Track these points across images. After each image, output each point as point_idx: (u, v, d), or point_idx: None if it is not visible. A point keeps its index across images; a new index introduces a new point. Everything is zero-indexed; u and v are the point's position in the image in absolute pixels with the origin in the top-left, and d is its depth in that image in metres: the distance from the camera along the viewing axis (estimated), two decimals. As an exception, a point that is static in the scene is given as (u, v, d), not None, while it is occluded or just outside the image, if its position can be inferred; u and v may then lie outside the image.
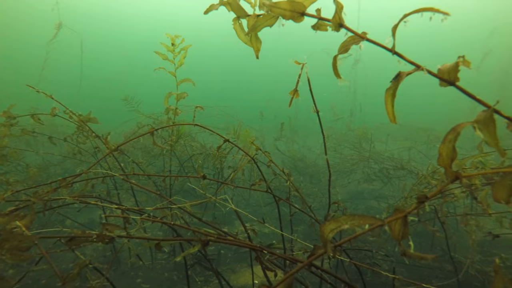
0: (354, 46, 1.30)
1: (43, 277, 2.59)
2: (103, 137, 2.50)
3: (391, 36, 1.12)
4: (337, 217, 1.01)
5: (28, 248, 1.36)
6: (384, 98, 1.17)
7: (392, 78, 1.15)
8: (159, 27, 39.18)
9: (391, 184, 5.40)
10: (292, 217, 2.06)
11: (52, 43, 8.95)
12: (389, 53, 1.17)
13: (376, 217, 1.01)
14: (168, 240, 1.27)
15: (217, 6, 1.02)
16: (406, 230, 1.06)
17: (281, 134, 6.47)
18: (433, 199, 2.44)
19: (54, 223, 3.58)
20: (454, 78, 1.06)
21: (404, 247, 1.01)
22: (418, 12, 1.00)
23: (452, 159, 1.01)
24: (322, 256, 1.25)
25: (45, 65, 9.26)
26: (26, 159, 4.60)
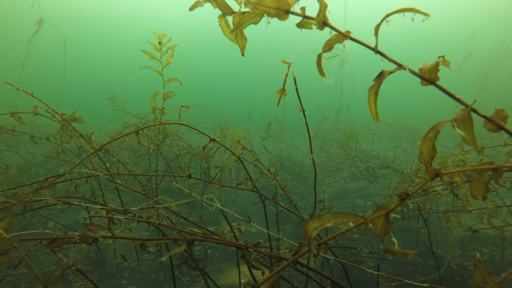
0: (341, 47, 1.31)
1: (23, 282, 2.52)
2: (87, 136, 2.46)
3: (374, 36, 1.14)
4: (321, 215, 1.02)
5: (6, 251, 1.31)
6: (368, 97, 1.20)
7: (375, 77, 1.18)
8: (146, 25, 38.66)
9: (377, 182, 5.49)
10: (278, 216, 2.07)
11: (33, 39, 8.71)
12: (375, 54, 1.19)
13: (359, 215, 1.03)
14: (153, 240, 1.25)
15: (202, 3, 1.01)
16: (388, 227, 1.08)
17: (269, 133, 6.49)
18: (416, 196, 2.49)
19: (36, 225, 3.49)
20: (434, 78, 1.09)
21: (387, 244, 1.03)
22: (400, 12, 1.02)
23: (432, 157, 1.03)
24: (308, 255, 1.26)
25: (26, 62, 9.00)
26: (6, 159, 4.48)
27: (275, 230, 3.37)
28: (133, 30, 40.66)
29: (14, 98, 6.16)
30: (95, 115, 6.86)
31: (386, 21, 1.07)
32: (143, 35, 11.02)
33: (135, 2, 39.68)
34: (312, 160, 1.92)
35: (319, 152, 6.57)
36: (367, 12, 33.66)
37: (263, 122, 7.23)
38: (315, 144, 6.81)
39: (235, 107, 12.16)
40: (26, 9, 13.57)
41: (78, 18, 35.93)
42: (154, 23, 40.08)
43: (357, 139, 5.99)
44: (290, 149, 8.25)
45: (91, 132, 2.33)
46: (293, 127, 9.72)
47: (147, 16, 41.15)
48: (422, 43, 38.44)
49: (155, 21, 40.84)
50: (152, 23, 39.97)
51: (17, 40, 9.36)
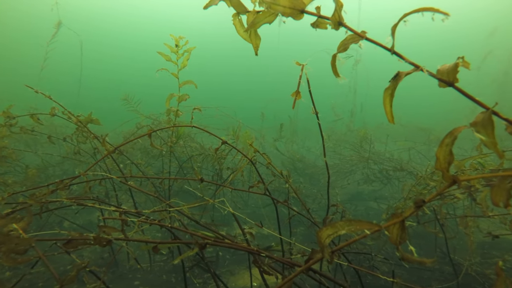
0: (355, 47, 1.29)
1: (40, 280, 2.57)
2: (101, 137, 2.49)
3: (390, 36, 1.11)
4: (334, 222, 1.00)
5: (25, 251, 1.34)
6: (383, 98, 1.17)
7: (391, 78, 1.14)
8: (160, 27, 39.20)
9: (390, 185, 5.39)
10: (291, 219, 2.04)
11: (51, 43, 8.93)
12: (390, 54, 1.16)
13: (373, 223, 1.00)
14: (165, 243, 1.25)
15: (216, 1, 1.01)
16: (404, 235, 1.05)
17: (281, 134, 6.46)
18: (432, 200, 2.43)
19: (52, 225, 3.56)
20: (453, 79, 1.05)
21: (403, 252, 1.00)
22: (418, 12, 0.99)
23: (449, 163, 1.00)
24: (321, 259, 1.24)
25: (44, 65, 9.24)
26: (25, 159, 4.59)
27: (287, 233, 3.34)
28: (148, 32, 41.29)
29: (33, 100, 6.32)
30: (109, 117, 6.98)
31: (404, 21, 1.04)
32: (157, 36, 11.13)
33: (147, 5, 40.27)
34: (326, 164, 1.89)
35: (332, 153, 6.49)
36: (381, 11, 33.21)
37: (275, 123, 7.21)
38: (328, 146, 6.74)
39: (247, 108, 12.18)
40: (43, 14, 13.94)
41: (94, 21, 36.71)
42: (169, 25, 40.56)
43: (370, 141, 5.90)
44: (302, 150, 8.20)
45: (105, 134, 2.36)
46: (305, 128, 9.66)
47: (162, 19, 41.69)
48: (438, 42, 37.62)
49: (170, 23, 41.33)
50: (167, 26, 40.47)
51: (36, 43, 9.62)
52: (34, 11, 31.85)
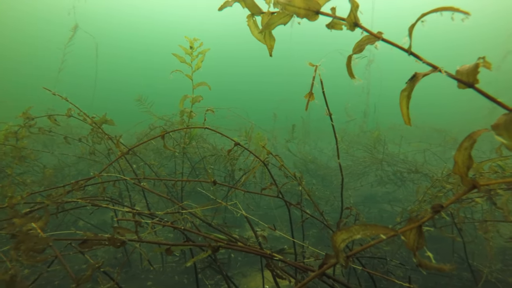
0: (367, 47, 1.26)
1: (56, 278, 2.62)
2: (115, 138, 2.53)
3: (407, 36, 1.08)
4: (349, 226, 0.98)
5: (43, 250, 1.37)
6: (399, 100, 1.14)
7: (408, 79, 1.12)
8: (172, 29, 39.65)
9: (405, 187, 5.29)
10: (303, 222, 2.02)
11: (68, 46, 9.14)
12: (404, 54, 1.13)
13: (389, 227, 0.98)
14: (179, 245, 1.25)
15: (231, 3, 1.00)
16: (421, 241, 1.02)
17: (293, 135, 6.42)
18: (450, 204, 2.36)
19: (68, 224, 3.63)
20: (473, 80, 1.02)
21: (420, 258, 0.97)
22: (437, 12, 0.96)
23: (468, 167, 0.97)
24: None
25: (62, 68, 9.47)
26: (43, 159, 4.70)
27: (299, 235, 3.31)
28: (159, 34, 41.83)
29: (51, 101, 6.47)
30: (122, 118, 7.09)
31: (421, 21, 1.01)
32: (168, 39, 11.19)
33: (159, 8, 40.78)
34: (339, 166, 1.86)
35: (345, 155, 6.42)
36: (395, 10, 32.72)
37: (287, 124, 7.17)
38: (341, 147, 6.67)
39: (259, 108, 12.17)
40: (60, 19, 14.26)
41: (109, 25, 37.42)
42: (181, 27, 40.98)
43: (384, 142, 5.81)
44: (314, 151, 8.14)
45: (119, 135, 2.39)
46: (317, 128, 9.58)
47: (174, 21, 42.15)
48: (456, 41, 36.79)
49: (182, 25, 41.74)
50: (177, 27, 40.89)
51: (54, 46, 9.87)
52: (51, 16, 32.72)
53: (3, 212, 1.69)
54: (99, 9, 36.01)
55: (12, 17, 35.52)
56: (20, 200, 1.79)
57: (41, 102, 6.39)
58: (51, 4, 31.67)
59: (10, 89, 27.32)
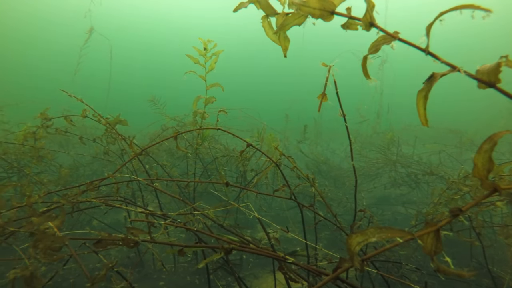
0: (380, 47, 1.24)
1: (71, 276, 2.67)
2: (128, 139, 2.56)
3: (425, 36, 1.05)
4: (364, 229, 0.97)
5: (59, 248, 1.39)
6: (416, 101, 1.12)
7: (425, 79, 1.09)
8: (184, 30, 40.01)
9: (419, 189, 5.18)
10: (316, 224, 2.00)
11: (84, 48, 9.32)
12: (418, 53, 1.11)
13: (405, 231, 0.96)
14: (191, 247, 1.25)
15: (246, 4, 1.00)
16: (439, 245, 0.99)
17: (305, 136, 6.38)
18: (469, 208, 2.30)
19: (82, 223, 3.69)
20: (495, 80, 0.98)
21: (438, 263, 0.95)
22: (456, 10, 0.93)
23: (489, 170, 0.94)
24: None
25: (77, 69, 9.67)
26: (59, 159, 4.80)
27: (311, 237, 3.28)
28: (170, 36, 42.30)
29: (66, 103, 6.62)
30: (135, 119, 7.20)
31: (440, 20, 0.98)
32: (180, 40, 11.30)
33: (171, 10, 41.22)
34: (353, 168, 1.83)
35: (357, 156, 6.34)
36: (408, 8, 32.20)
37: (299, 124, 7.13)
38: (353, 148, 6.58)
39: (271, 109, 12.15)
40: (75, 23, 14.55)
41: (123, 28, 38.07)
42: (192, 28, 41.31)
43: (398, 143, 5.72)
44: (326, 152, 8.07)
45: (133, 136, 2.42)
46: (329, 129, 9.49)
47: (184, 21, 42.55)
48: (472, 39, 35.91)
49: (193, 26, 42.07)
50: (189, 28, 41.23)
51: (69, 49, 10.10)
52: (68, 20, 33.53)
53: (22, 211, 1.72)
54: (113, 12, 36.68)
55: (31, 23, 36.62)
56: (37, 199, 1.83)
57: (57, 104, 6.54)
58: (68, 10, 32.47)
59: (28, 91, 28.08)
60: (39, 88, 27.09)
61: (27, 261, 1.33)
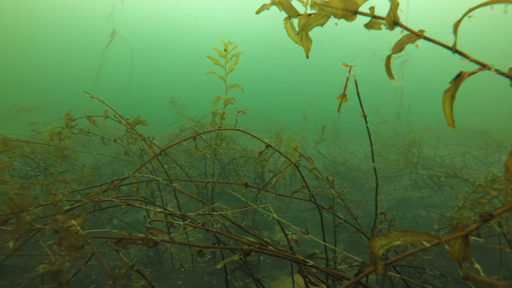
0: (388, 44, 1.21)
1: (93, 273, 2.74)
2: (148, 139, 2.60)
3: (452, 33, 1.01)
4: (388, 232, 0.94)
5: (82, 246, 1.43)
6: (442, 100, 1.08)
7: (452, 78, 1.05)
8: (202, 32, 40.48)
9: (442, 192, 5.02)
10: (336, 227, 1.96)
11: (106, 50, 9.58)
12: (441, 52, 1.07)
13: (431, 234, 0.92)
14: (210, 247, 1.26)
15: (269, 6, 1.00)
16: (468, 251, 0.95)
17: (323, 137, 6.31)
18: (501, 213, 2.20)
19: (103, 221, 3.78)
20: (530, 78, 0.94)
21: (467, 270, 0.91)
22: (487, 5, 0.89)
23: (522, 174, 0.89)
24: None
25: (100, 71, 9.96)
26: (81, 159, 4.94)
27: (330, 239, 3.24)
28: (189, 38, 42.87)
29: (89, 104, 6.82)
30: (154, 120, 7.34)
31: (468, 17, 0.94)
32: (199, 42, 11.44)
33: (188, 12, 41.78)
34: (374, 169, 1.79)
35: (377, 157, 6.21)
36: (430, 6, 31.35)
37: (317, 125, 7.06)
38: (373, 149, 6.45)
39: (288, 109, 12.09)
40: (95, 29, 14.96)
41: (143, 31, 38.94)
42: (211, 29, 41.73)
43: (419, 144, 5.56)
44: (345, 153, 7.95)
45: (152, 137, 2.46)
46: (348, 130, 9.36)
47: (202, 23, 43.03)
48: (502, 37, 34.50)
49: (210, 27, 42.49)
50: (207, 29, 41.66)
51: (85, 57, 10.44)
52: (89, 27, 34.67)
53: (47, 208, 1.78)
54: (133, 15, 37.59)
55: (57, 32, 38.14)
56: (62, 197, 1.88)
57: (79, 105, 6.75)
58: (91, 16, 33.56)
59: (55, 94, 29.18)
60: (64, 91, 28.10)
61: (53, 257, 1.37)
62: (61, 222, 1.49)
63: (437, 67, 29.65)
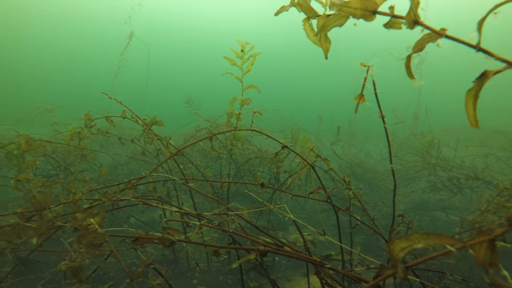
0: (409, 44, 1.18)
1: (111, 270, 2.79)
2: (165, 139, 2.64)
3: (476, 31, 0.98)
4: (409, 234, 0.92)
5: (101, 244, 1.46)
6: (465, 100, 1.05)
7: (476, 77, 1.02)
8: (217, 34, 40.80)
9: (462, 194, 4.87)
10: (352, 228, 1.94)
11: (124, 52, 9.78)
12: (462, 51, 1.03)
13: (455, 238, 0.89)
14: (226, 247, 1.26)
15: (288, 8, 1.00)
16: (495, 256, 0.92)
17: (338, 138, 6.24)
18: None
19: (120, 220, 3.86)
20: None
21: (494, 277, 0.88)
22: None
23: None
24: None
25: (118, 73, 10.17)
26: (99, 159, 5.05)
27: (346, 241, 3.19)
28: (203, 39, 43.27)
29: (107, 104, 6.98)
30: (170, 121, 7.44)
31: (494, 13, 0.91)
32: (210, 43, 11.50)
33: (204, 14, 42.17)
34: (392, 171, 1.76)
35: (393, 158, 6.06)
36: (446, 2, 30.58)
37: (332, 126, 7.00)
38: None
39: (303, 110, 12.03)
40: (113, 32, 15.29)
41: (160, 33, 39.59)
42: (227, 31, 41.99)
43: (438, 145, 5.42)
44: (360, 154, 7.83)
45: (169, 137, 2.49)
46: (364, 130, 9.22)
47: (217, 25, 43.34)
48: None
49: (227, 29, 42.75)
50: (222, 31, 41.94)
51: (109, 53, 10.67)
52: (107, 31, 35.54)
53: (68, 206, 1.83)
54: (151, 18, 38.28)
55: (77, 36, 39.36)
56: (81, 196, 1.93)
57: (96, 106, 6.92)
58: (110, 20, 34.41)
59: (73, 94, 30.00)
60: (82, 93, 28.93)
61: (73, 254, 1.40)
62: (80, 220, 1.53)
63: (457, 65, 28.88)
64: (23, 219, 1.67)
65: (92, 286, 2.53)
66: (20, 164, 2.39)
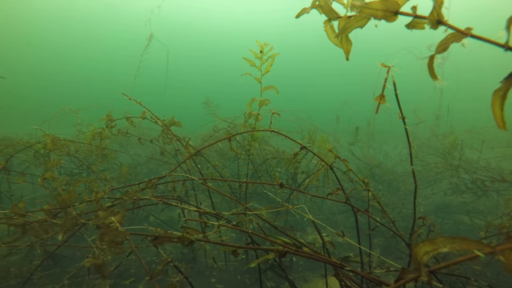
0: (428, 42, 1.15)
1: (132, 267, 2.86)
2: (184, 140, 2.68)
3: (504, 29, 0.95)
4: (433, 238, 0.90)
5: (121, 242, 1.50)
6: (492, 101, 1.02)
7: (504, 77, 0.99)
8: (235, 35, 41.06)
9: (486, 197, 4.70)
10: (371, 230, 1.91)
11: (143, 54, 9.99)
12: (505, 51, 1.01)
13: (483, 243, 0.86)
14: (245, 247, 1.27)
15: (309, 10, 1.00)
16: (525, 264, 0.88)
17: (356, 138, 6.15)
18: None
19: (140, 218, 3.94)
20: None
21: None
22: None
23: None
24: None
25: (137, 74, 10.41)
26: (119, 158, 5.18)
27: (365, 243, 3.15)
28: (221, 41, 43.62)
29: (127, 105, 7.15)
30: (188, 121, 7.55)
31: (524, 10, 0.88)
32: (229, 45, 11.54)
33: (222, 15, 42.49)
34: (412, 172, 1.72)
35: (414, 160, 5.93)
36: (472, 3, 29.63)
37: (350, 126, 6.90)
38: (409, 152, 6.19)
39: (321, 110, 11.93)
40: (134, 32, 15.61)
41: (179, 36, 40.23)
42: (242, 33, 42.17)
43: (461, 146, 5.25)
44: (379, 155, 7.69)
45: (189, 138, 2.52)
46: (382, 131, 9.05)
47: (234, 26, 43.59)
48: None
49: (242, 30, 42.92)
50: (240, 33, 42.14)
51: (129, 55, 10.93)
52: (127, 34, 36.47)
53: (90, 204, 1.89)
54: (170, 20, 38.98)
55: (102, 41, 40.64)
56: (103, 195, 1.99)
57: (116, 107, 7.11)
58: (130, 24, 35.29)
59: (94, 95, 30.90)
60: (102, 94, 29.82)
61: (96, 251, 1.45)
62: (102, 218, 1.57)
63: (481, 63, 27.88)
64: (50, 216, 1.73)
65: (114, 281, 2.60)
66: (46, 163, 2.48)
